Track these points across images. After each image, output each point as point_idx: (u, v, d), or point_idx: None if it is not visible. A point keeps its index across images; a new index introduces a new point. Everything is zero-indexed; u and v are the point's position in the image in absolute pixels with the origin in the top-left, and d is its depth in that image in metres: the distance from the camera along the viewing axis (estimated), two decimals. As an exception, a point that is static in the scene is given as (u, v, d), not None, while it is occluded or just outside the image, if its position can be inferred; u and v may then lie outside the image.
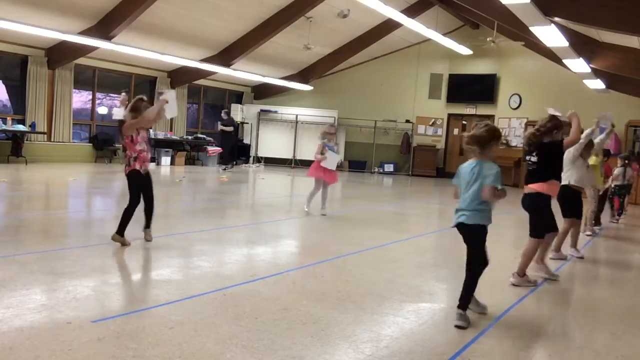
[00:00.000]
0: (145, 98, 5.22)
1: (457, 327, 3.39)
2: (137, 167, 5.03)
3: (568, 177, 5.63)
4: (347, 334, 3.17)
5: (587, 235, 7.47)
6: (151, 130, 15.48)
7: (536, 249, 4.69)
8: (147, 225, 5.26)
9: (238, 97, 19.70)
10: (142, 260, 4.73)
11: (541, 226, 4.67)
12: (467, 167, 3.61)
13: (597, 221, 8.15)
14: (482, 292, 4.10)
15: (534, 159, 4.59)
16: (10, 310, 3.17)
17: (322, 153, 7.67)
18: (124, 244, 4.98)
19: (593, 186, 7.28)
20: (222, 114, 16.16)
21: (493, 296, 4.08)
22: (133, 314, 3.27)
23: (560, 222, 5.37)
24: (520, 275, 4.60)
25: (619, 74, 12.12)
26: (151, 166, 13.54)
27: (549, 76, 16.07)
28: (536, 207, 4.62)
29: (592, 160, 6.88)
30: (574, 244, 5.96)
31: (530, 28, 8.82)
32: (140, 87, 16.31)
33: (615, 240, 7.79)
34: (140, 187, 5.11)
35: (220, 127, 16.03)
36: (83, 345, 2.76)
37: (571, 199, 5.68)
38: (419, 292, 4.19)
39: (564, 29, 9.34)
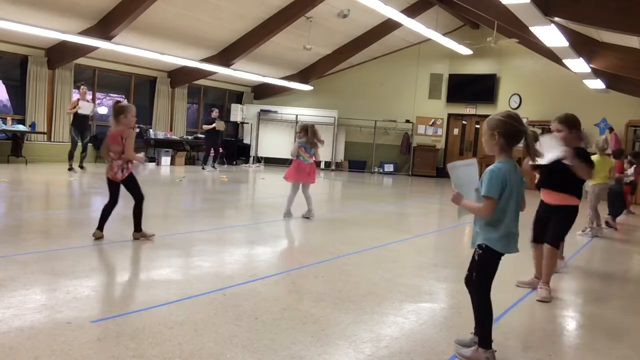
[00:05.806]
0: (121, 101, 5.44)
1: None
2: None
3: None
4: (347, 334, 3.17)
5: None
6: (151, 130, 15.52)
7: None
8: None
9: (238, 97, 19.70)
10: (142, 260, 4.73)
11: None
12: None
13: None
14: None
15: None
16: (10, 310, 3.16)
17: (298, 154, 7.23)
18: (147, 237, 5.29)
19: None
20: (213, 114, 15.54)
21: (492, 296, 4.07)
22: (133, 314, 3.27)
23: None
24: None
25: (619, 74, 12.11)
26: (151, 166, 13.62)
27: (549, 76, 16.08)
28: None
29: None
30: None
31: (530, 28, 8.82)
32: (140, 87, 16.34)
33: (619, 241, 7.79)
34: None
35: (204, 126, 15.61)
36: (83, 345, 2.76)
37: None
38: (419, 292, 4.19)
39: (564, 29, 9.34)
